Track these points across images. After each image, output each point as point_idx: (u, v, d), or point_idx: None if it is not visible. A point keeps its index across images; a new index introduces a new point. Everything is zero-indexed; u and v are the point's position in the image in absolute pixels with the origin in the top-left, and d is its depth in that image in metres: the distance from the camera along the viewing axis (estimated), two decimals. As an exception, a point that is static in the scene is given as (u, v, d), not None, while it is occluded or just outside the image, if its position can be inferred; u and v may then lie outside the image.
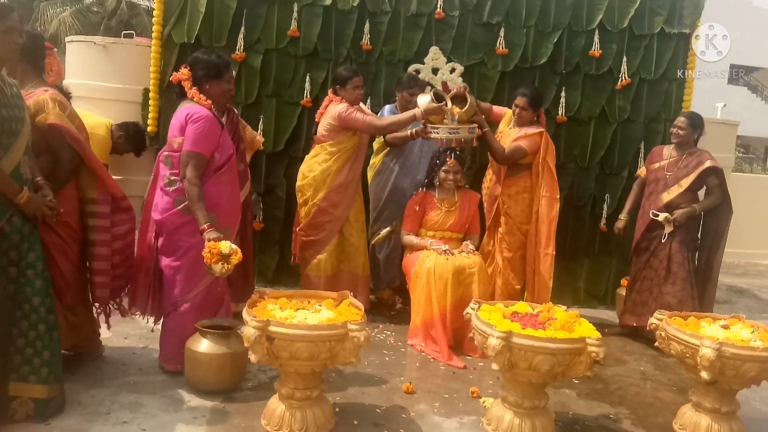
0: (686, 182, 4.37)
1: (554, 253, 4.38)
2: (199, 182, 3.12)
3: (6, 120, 2.56)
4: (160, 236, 3.29)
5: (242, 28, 4.87)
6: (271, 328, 2.60)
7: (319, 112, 4.43)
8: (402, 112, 4.50)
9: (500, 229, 4.51)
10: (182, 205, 3.17)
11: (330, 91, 4.41)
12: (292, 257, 4.63)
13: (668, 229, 4.35)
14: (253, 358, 2.62)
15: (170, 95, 4.86)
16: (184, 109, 3.23)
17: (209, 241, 3.00)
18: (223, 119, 4.09)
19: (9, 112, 2.59)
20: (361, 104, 4.53)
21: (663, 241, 4.38)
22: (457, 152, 4.30)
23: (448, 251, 4.11)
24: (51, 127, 2.97)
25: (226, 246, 2.97)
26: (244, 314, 2.72)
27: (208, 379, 3.08)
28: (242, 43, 4.87)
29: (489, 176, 4.63)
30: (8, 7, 2.59)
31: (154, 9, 4.94)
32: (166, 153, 3.26)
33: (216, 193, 3.21)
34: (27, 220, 2.65)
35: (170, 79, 3.35)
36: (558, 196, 4.38)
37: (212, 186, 3.20)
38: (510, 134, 4.48)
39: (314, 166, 4.32)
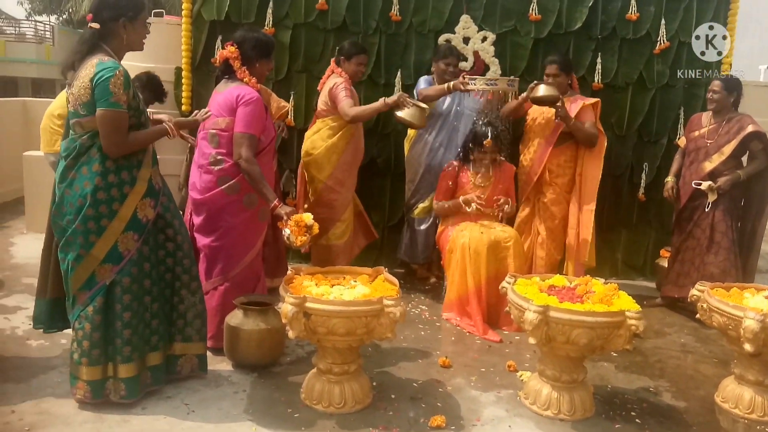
0: (728, 149, 4.23)
1: (594, 209, 4.40)
2: (256, 161, 3.13)
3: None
4: (198, 215, 3.28)
5: (270, 3, 4.81)
6: (308, 305, 2.63)
7: (321, 81, 4.38)
8: (438, 83, 4.48)
9: (545, 199, 4.50)
10: (226, 185, 3.16)
11: (332, 60, 4.35)
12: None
13: (712, 198, 4.23)
14: (290, 333, 2.65)
15: (202, 73, 4.91)
16: (233, 89, 3.20)
17: (287, 215, 3.04)
18: None
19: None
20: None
21: (707, 210, 4.27)
22: (495, 132, 4.19)
23: (479, 202, 4.10)
24: None
25: (309, 218, 3.04)
26: (281, 291, 2.75)
27: (248, 354, 3.14)
28: (271, 19, 4.83)
29: (530, 151, 4.55)
30: (143, 2, 2.77)
31: (183, -13, 4.93)
32: (212, 131, 3.20)
33: None
34: (172, 199, 2.91)
35: (217, 56, 3.32)
36: (603, 154, 4.40)
37: None
38: (545, 108, 4.42)
39: (317, 143, 4.27)
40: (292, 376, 3.13)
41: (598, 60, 4.96)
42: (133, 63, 4.90)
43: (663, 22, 4.94)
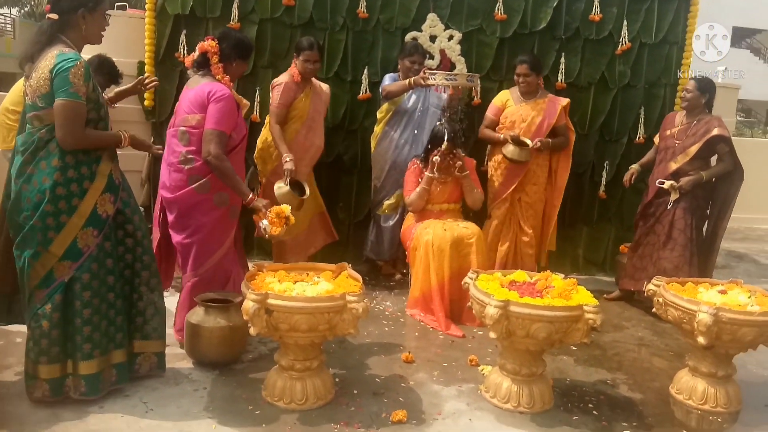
0: (693, 150, 4.30)
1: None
2: (226, 158, 3.11)
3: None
4: (170, 213, 3.24)
5: (237, -2, 4.78)
6: (270, 301, 2.61)
7: None
8: (404, 80, 4.49)
9: (527, 199, 4.58)
10: (197, 184, 3.13)
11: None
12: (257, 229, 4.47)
13: (674, 197, 4.31)
14: (252, 330, 2.64)
15: (165, 67, 4.84)
16: (204, 86, 3.16)
17: (265, 207, 3.16)
18: None
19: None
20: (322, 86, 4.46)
21: (669, 207, 4.36)
22: (452, 135, 4.20)
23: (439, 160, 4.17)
24: None
25: (288, 209, 3.16)
26: (243, 287, 2.74)
27: (209, 351, 3.11)
28: (237, 14, 4.78)
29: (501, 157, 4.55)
30: None
31: (147, -20, 4.85)
32: (182, 129, 3.16)
33: None
34: (132, 194, 2.88)
35: (197, 48, 3.29)
36: (572, 149, 4.64)
37: None
38: (523, 109, 4.49)
39: (265, 135, 4.31)
40: (253, 373, 3.11)
41: (562, 60, 5.03)
42: (95, 56, 4.83)
43: (625, 23, 5.04)
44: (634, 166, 4.69)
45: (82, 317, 2.64)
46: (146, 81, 3.16)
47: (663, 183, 4.35)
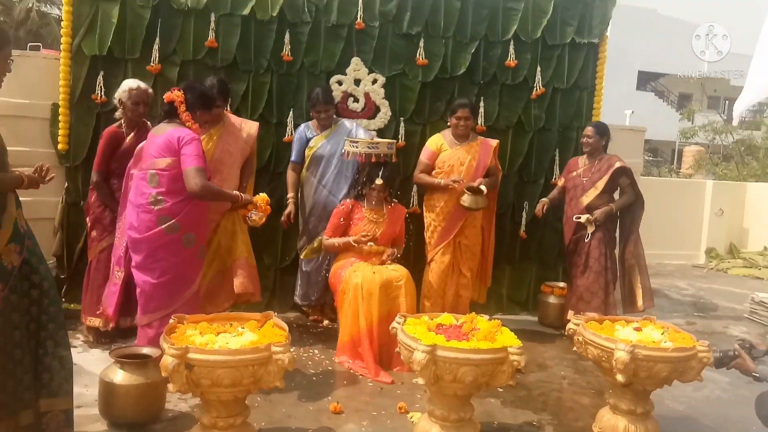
0: (601, 184, 4.72)
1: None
2: (209, 182, 3.38)
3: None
4: (137, 254, 3.37)
5: (157, 39, 4.68)
6: (190, 355, 2.51)
7: None
8: (316, 128, 4.62)
9: (466, 242, 4.60)
10: (166, 225, 3.29)
11: None
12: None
13: (590, 229, 4.68)
14: (171, 387, 2.53)
15: (82, 110, 4.67)
16: (173, 131, 3.35)
17: (252, 200, 3.66)
18: (132, 134, 4.10)
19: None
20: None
21: (586, 240, 4.70)
22: (386, 174, 4.25)
23: (367, 243, 4.18)
24: None
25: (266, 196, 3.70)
26: (162, 341, 2.62)
27: (125, 411, 2.95)
28: (157, 55, 4.69)
29: (444, 197, 4.54)
30: (8, 37, 2.66)
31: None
32: (152, 171, 3.32)
33: (197, 214, 3.40)
34: (36, 243, 2.70)
35: (163, 97, 3.50)
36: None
37: (194, 207, 3.36)
38: (459, 153, 4.56)
39: None
40: (173, 433, 2.96)
41: (481, 104, 5.20)
42: (5, 99, 4.59)
43: (539, 69, 5.28)
44: (544, 199, 4.96)
45: None
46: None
47: (579, 218, 4.70)
